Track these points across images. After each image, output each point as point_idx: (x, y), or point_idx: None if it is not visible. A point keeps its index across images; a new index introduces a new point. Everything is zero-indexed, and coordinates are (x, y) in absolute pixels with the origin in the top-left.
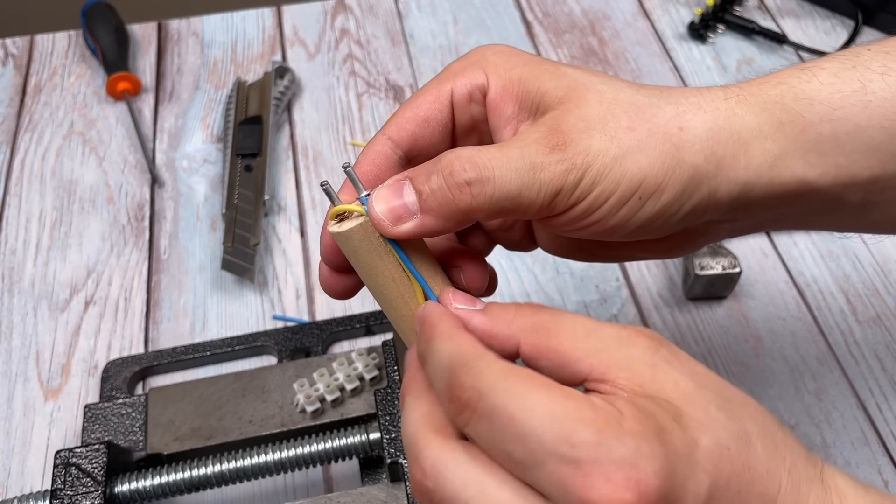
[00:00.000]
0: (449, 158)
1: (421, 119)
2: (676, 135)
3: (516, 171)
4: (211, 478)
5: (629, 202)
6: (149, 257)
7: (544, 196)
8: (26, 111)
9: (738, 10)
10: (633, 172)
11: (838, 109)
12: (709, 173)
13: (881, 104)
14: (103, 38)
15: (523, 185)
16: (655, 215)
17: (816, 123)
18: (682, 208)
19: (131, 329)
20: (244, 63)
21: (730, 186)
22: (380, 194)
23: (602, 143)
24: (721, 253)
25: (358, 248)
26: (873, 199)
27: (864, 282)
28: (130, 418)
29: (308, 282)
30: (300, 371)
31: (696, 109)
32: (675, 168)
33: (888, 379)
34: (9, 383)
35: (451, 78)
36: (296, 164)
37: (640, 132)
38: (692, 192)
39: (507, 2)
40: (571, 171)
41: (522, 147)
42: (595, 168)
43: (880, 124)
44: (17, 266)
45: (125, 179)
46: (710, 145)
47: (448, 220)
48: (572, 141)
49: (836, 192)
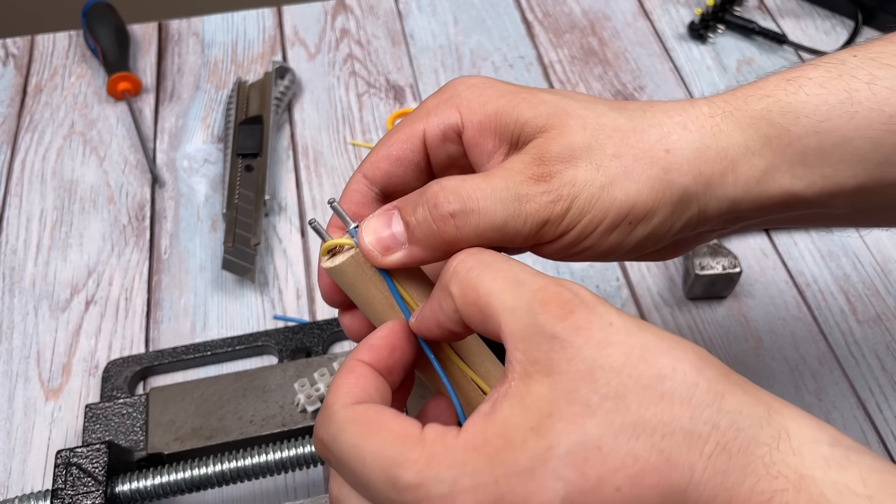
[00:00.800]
0: (434, 190)
1: (393, 158)
2: (664, 158)
3: (501, 203)
4: (212, 477)
5: (619, 227)
6: (149, 257)
7: (530, 227)
8: (27, 111)
9: (738, 11)
10: (621, 200)
11: (824, 121)
12: (697, 192)
13: (867, 114)
14: (104, 39)
15: (509, 217)
16: (647, 237)
17: (803, 136)
18: (672, 227)
19: (132, 329)
20: (245, 63)
21: (718, 203)
22: (369, 225)
23: (588, 173)
24: (721, 253)
25: (353, 279)
26: (860, 205)
27: (864, 282)
28: (131, 418)
29: (308, 282)
30: (301, 371)
31: (682, 130)
32: (665, 191)
33: (888, 379)
34: (10, 383)
35: (424, 117)
36: (296, 164)
37: (625, 158)
38: (682, 211)
39: (507, 2)
40: (558, 203)
41: (507, 178)
42: (582, 198)
43: (865, 134)
44: (17, 266)
45: (126, 179)
46: (698, 165)
47: (435, 250)
48: (558, 171)
49: (822, 200)
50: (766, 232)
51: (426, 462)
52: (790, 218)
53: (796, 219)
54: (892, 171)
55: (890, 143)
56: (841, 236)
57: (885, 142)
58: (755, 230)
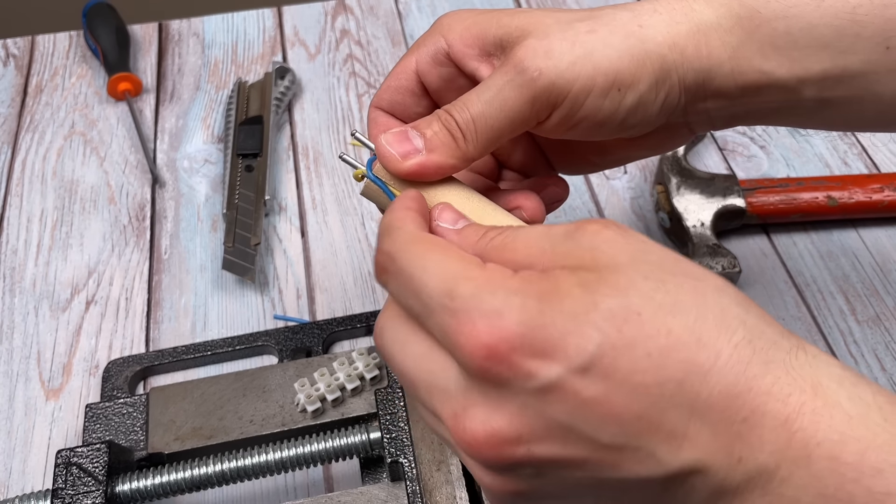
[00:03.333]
0: (441, 109)
1: (393, 88)
2: (638, 31)
3: (492, 99)
4: (212, 477)
5: (610, 94)
6: (150, 257)
7: (523, 108)
8: (27, 111)
9: None
10: (605, 66)
11: (792, 7)
12: (675, 62)
13: (833, 3)
14: (104, 39)
15: (501, 106)
16: (636, 105)
17: (772, 19)
18: (657, 97)
19: (132, 329)
20: (245, 63)
21: (695, 74)
22: (387, 138)
23: (564, 47)
24: (721, 253)
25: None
26: (827, 94)
27: (863, 282)
28: (131, 418)
29: (309, 281)
30: (301, 371)
31: (652, 12)
32: (645, 59)
33: (887, 379)
34: (10, 383)
35: (415, 49)
36: (296, 165)
37: (601, 33)
38: (664, 80)
39: (507, 2)
40: (539, 78)
41: (495, 77)
42: (564, 68)
43: (830, 22)
44: (18, 266)
45: (126, 179)
46: (672, 37)
47: (452, 156)
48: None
49: (792, 84)
50: (765, 232)
51: (485, 281)
52: (765, 108)
53: (771, 109)
54: (853, 60)
55: (852, 33)
56: (840, 236)
57: (847, 31)
58: (738, 124)
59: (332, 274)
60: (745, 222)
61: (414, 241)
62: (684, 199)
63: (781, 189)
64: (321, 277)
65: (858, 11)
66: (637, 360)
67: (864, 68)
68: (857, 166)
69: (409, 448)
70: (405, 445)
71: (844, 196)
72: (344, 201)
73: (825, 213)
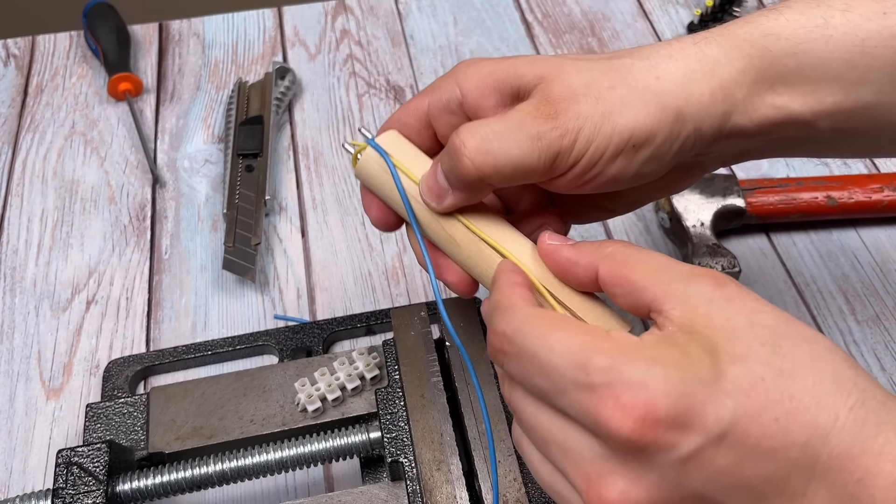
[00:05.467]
0: (452, 139)
1: (402, 123)
2: (655, 84)
3: (515, 141)
4: (212, 477)
5: (624, 152)
6: (150, 257)
7: (544, 161)
8: (28, 111)
9: (738, 11)
10: (622, 125)
11: (802, 44)
12: (691, 112)
13: (841, 38)
14: (105, 39)
15: (523, 153)
16: (650, 159)
17: (782, 57)
18: (672, 147)
19: (133, 328)
20: (245, 64)
21: (711, 120)
22: (423, 181)
23: (589, 106)
24: (720, 253)
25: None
26: (842, 125)
27: (862, 281)
28: (132, 417)
29: (309, 281)
30: (301, 370)
31: (668, 59)
32: (660, 113)
33: (887, 379)
34: (11, 383)
35: (430, 92)
36: (297, 165)
37: (621, 89)
38: (679, 130)
39: (507, 2)
40: (566, 136)
41: (518, 118)
42: (587, 128)
43: (840, 56)
44: (18, 266)
45: (126, 179)
46: (688, 86)
47: (470, 190)
48: (563, 108)
49: (807, 118)
50: (765, 232)
51: (618, 351)
52: (779, 142)
53: (785, 143)
54: (866, 92)
55: (863, 65)
56: (840, 236)
57: (858, 63)
58: (750, 158)
59: (333, 274)
60: (744, 222)
61: (532, 319)
62: (684, 199)
63: (781, 189)
64: (321, 277)
65: (868, 44)
66: (766, 425)
67: (878, 99)
68: (857, 166)
69: (409, 448)
70: (405, 445)
71: (844, 196)
72: (344, 201)
73: (825, 213)
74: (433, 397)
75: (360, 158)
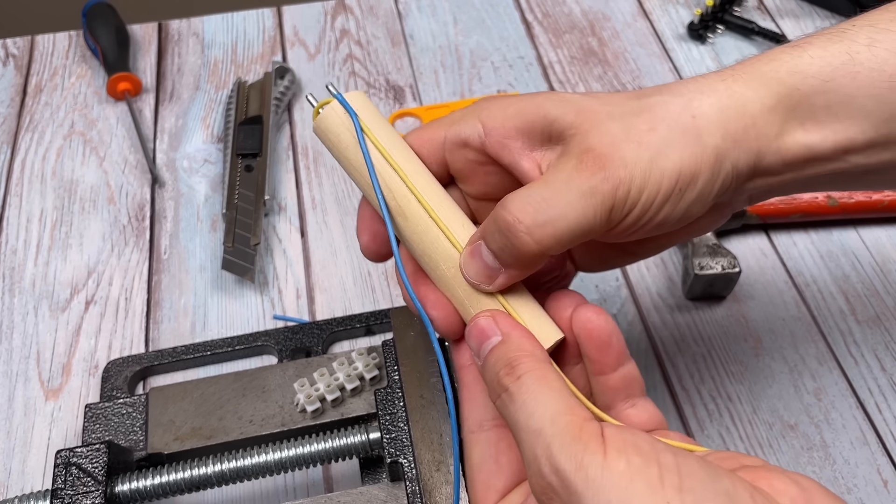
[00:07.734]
0: (502, 215)
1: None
2: (692, 123)
3: (569, 205)
4: (211, 477)
5: (672, 196)
6: (149, 257)
7: (601, 216)
8: (27, 111)
9: (738, 11)
10: (669, 169)
11: (829, 81)
12: (728, 149)
13: (868, 74)
14: (104, 39)
15: (580, 215)
16: (695, 201)
17: (811, 95)
18: (714, 187)
19: (132, 329)
20: (244, 63)
21: (747, 157)
22: (466, 261)
23: (633, 151)
24: (721, 253)
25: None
26: (874, 160)
27: (863, 282)
28: (131, 418)
29: (308, 282)
30: (300, 371)
31: (701, 95)
32: (702, 153)
33: (887, 379)
34: (9, 383)
35: (448, 125)
36: (296, 165)
37: (660, 130)
38: (719, 169)
39: (507, 2)
40: (619, 187)
41: (566, 179)
42: (637, 176)
43: (868, 92)
44: (17, 266)
45: (126, 179)
46: (723, 124)
47: (527, 265)
48: (608, 158)
49: (837, 155)
50: (765, 232)
51: None
52: (815, 179)
53: (820, 179)
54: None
55: (893, 100)
56: (840, 236)
57: (888, 99)
58: (776, 195)
59: (332, 274)
60: (745, 222)
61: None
62: None
63: None
64: (321, 277)
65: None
66: None
67: None
68: None
69: (408, 448)
70: (405, 445)
71: (844, 196)
72: (344, 201)
73: (825, 213)
74: (433, 398)
75: (322, 112)
